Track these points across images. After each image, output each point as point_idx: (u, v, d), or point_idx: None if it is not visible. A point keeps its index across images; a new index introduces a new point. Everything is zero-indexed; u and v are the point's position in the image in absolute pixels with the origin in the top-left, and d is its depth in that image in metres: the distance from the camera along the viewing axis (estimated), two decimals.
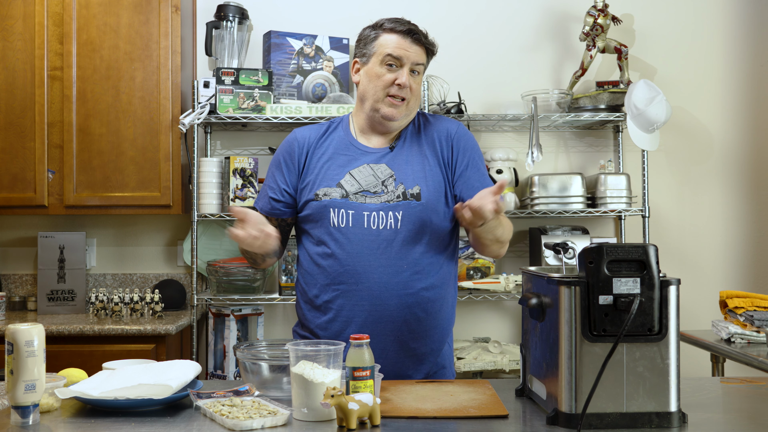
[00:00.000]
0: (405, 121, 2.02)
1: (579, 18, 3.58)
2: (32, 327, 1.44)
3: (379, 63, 1.96)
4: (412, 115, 2.02)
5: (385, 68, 1.96)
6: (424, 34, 2.00)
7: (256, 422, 1.41)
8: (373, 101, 1.98)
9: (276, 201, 2.02)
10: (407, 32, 1.97)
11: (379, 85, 1.96)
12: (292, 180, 2.01)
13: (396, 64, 1.95)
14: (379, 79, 1.96)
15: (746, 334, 2.74)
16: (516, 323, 3.63)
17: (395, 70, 1.95)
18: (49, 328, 2.92)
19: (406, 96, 1.96)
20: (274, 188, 2.02)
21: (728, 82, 3.72)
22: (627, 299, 1.40)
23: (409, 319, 1.92)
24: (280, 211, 2.02)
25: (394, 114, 1.96)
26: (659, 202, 3.65)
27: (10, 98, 3.28)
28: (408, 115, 2.00)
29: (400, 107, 1.96)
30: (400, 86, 1.94)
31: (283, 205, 2.02)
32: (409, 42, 1.96)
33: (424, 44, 1.99)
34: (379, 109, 1.97)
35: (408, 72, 1.95)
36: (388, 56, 1.95)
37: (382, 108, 1.96)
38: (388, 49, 1.95)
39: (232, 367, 3.28)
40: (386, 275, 1.90)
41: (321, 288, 1.95)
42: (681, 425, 1.41)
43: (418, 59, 1.97)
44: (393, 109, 1.96)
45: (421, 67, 1.99)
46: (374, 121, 2.00)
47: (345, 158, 2.00)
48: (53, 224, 3.58)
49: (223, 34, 3.42)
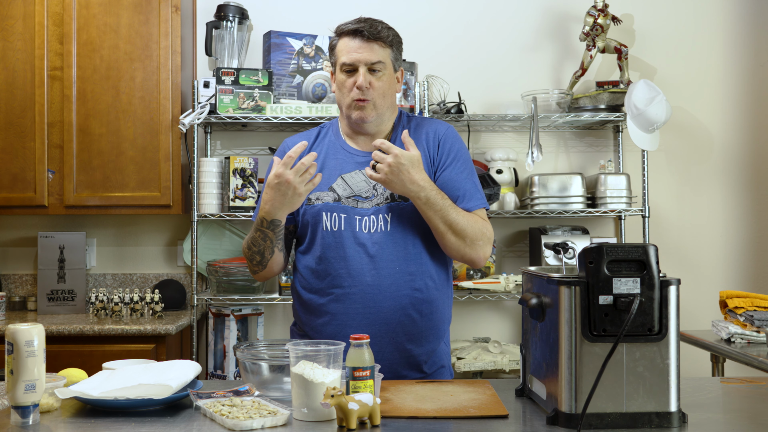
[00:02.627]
0: (380, 120, 2.01)
1: (579, 18, 3.58)
2: (32, 327, 1.44)
3: (340, 71, 1.98)
4: (386, 112, 2.01)
5: (345, 74, 1.97)
6: (375, 29, 1.96)
7: (256, 422, 1.41)
8: (345, 108, 2.00)
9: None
10: (354, 32, 1.96)
11: (344, 92, 1.98)
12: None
13: (352, 69, 1.96)
14: (343, 86, 1.98)
15: (746, 334, 2.74)
16: (516, 323, 3.63)
17: (353, 75, 1.96)
18: (49, 328, 2.92)
19: (369, 97, 1.95)
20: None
21: (728, 82, 3.72)
22: (627, 299, 1.40)
23: (404, 321, 1.93)
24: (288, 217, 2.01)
25: (362, 116, 1.97)
26: (659, 202, 3.65)
27: (10, 98, 3.28)
28: (380, 114, 1.99)
29: (365, 109, 1.96)
30: (359, 89, 1.94)
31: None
32: (359, 42, 1.95)
33: (377, 39, 1.95)
34: (350, 115, 1.99)
35: (365, 73, 1.94)
36: (343, 64, 1.96)
37: (352, 113, 1.98)
38: (342, 57, 1.96)
39: (232, 367, 3.28)
40: (379, 278, 1.91)
41: (315, 292, 1.97)
42: (681, 425, 1.41)
43: (372, 58, 1.94)
44: (360, 112, 1.96)
45: (380, 65, 1.95)
46: (352, 125, 2.02)
47: (336, 162, 2.01)
48: (53, 224, 3.58)
49: (223, 34, 3.42)
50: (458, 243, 1.91)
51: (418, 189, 1.84)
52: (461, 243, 1.91)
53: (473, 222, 1.92)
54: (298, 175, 1.81)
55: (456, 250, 1.93)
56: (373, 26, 1.96)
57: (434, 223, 1.89)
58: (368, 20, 1.99)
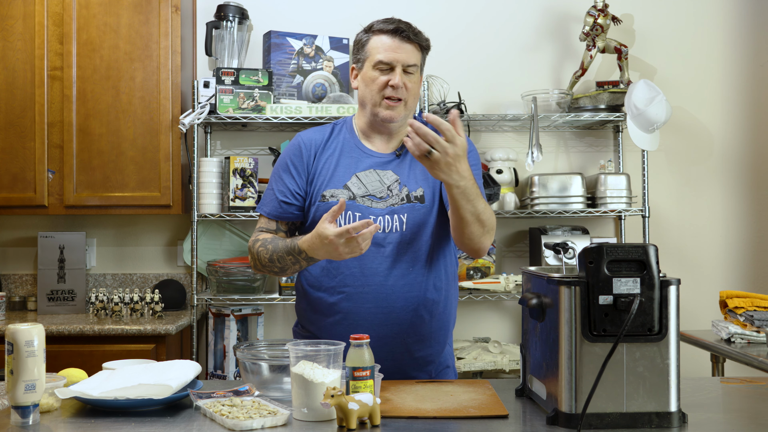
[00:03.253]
0: (405, 120, 2.01)
1: (579, 18, 3.58)
2: (32, 327, 1.44)
3: (372, 67, 1.96)
4: (411, 113, 2.02)
5: (378, 72, 1.95)
6: (415, 31, 1.97)
7: (256, 422, 1.41)
8: (371, 105, 1.98)
9: (287, 204, 1.99)
10: (395, 31, 1.95)
11: (374, 89, 1.96)
12: (301, 182, 2.00)
13: (388, 68, 1.95)
14: (374, 83, 1.95)
15: (746, 334, 2.74)
16: (516, 323, 3.63)
17: (387, 73, 1.95)
18: (49, 328, 2.92)
19: (402, 96, 1.95)
20: (283, 191, 1.99)
21: (728, 82, 3.72)
22: (627, 299, 1.40)
23: (415, 322, 1.92)
24: (291, 215, 2.00)
25: (392, 116, 1.96)
26: (659, 202, 3.65)
27: (10, 98, 3.28)
28: (407, 116, 2.00)
29: (397, 108, 1.96)
30: (394, 87, 1.94)
31: (294, 208, 2.00)
32: (398, 42, 1.95)
33: (414, 41, 1.96)
34: (377, 113, 1.97)
35: (401, 73, 1.94)
36: (378, 62, 1.95)
37: (380, 111, 1.96)
38: (378, 55, 1.95)
39: (232, 367, 3.28)
40: (392, 278, 1.90)
41: (326, 290, 1.94)
42: (681, 425, 1.41)
43: (409, 59, 1.95)
44: (390, 111, 1.96)
45: (414, 67, 1.96)
46: (376, 124, 2.01)
47: (351, 160, 2.00)
48: (53, 224, 3.58)
49: (223, 34, 3.42)
50: (479, 232, 1.85)
51: (459, 178, 1.74)
52: (481, 232, 1.85)
53: (490, 212, 1.88)
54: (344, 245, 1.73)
55: (475, 240, 1.86)
56: (411, 28, 1.97)
57: (462, 213, 1.80)
58: (404, 21, 1.99)
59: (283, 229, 2.02)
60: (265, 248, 1.93)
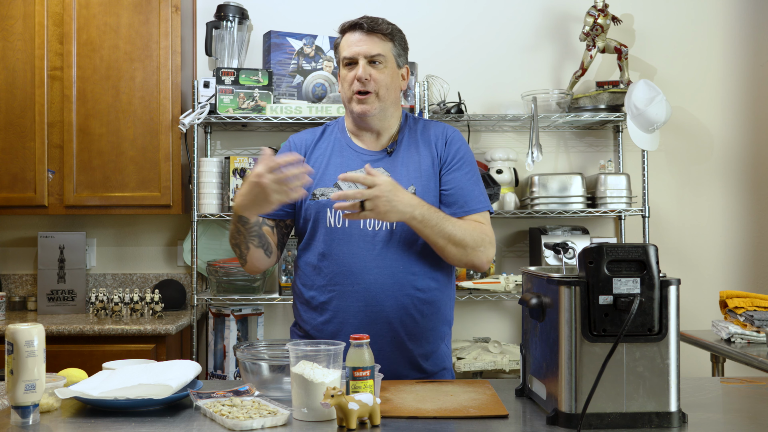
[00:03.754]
0: (384, 114, 2.00)
1: (579, 18, 3.58)
2: (32, 327, 1.44)
3: (343, 66, 1.99)
4: (389, 107, 2.00)
5: (347, 69, 1.98)
6: (375, 22, 1.97)
7: (256, 422, 1.41)
8: (347, 102, 2.00)
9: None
10: (354, 26, 1.98)
11: (345, 86, 1.98)
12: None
13: (352, 62, 1.97)
14: (345, 81, 1.98)
15: (746, 334, 2.74)
16: (516, 323, 3.63)
17: (354, 68, 1.96)
18: (49, 328, 2.92)
19: (371, 89, 1.95)
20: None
21: (728, 82, 3.72)
22: (627, 299, 1.40)
23: (406, 320, 1.92)
24: (283, 212, 2.01)
25: (365, 109, 1.96)
26: (659, 202, 3.65)
27: (10, 98, 3.28)
28: (384, 108, 1.99)
29: (368, 101, 1.96)
30: (359, 81, 1.94)
31: (285, 205, 1.99)
32: (359, 35, 1.97)
33: (376, 31, 1.96)
34: (352, 109, 1.99)
35: (364, 65, 1.95)
36: (344, 59, 1.98)
37: (354, 107, 1.98)
38: (344, 52, 1.98)
39: (232, 367, 3.28)
40: (382, 276, 1.91)
41: (317, 289, 1.96)
42: (681, 425, 1.41)
43: (371, 50, 1.95)
44: (362, 105, 1.96)
45: (380, 57, 1.96)
46: (356, 121, 2.02)
47: (342, 159, 2.01)
48: (53, 224, 3.58)
49: (223, 34, 3.42)
50: (460, 253, 1.90)
51: (411, 209, 1.80)
52: (462, 252, 1.90)
53: (471, 229, 1.91)
54: (274, 182, 1.74)
55: (459, 260, 1.92)
56: (372, 20, 1.98)
57: (433, 240, 1.87)
58: (369, 16, 2.00)
59: (269, 224, 2.01)
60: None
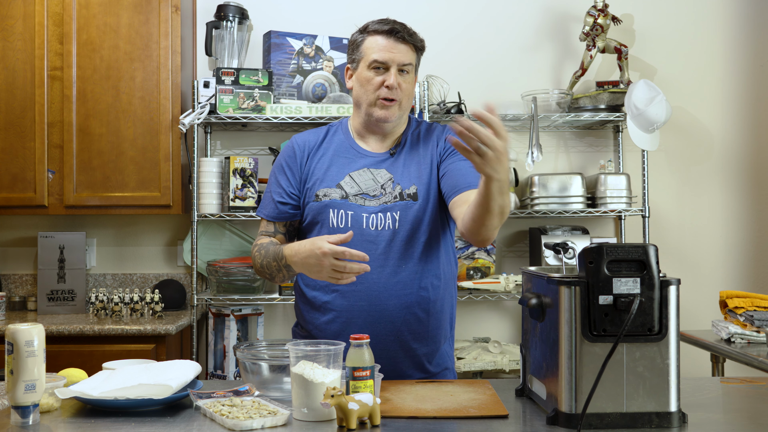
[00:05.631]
0: (400, 120, 2.02)
1: (579, 18, 3.58)
2: (32, 327, 1.44)
3: (367, 68, 1.97)
4: (406, 113, 2.03)
5: (373, 72, 1.96)
6: (410, 32, 1.98)
7: (256, 422, 1.41)
8: (366, 105, 1.99)
9: (283, 204, 2.02)
10: (390, 32, 1.96)
11: (370, 89, 1.97)
12: (295, 182, 2.02)
13: (383, 67, 1.96)
14: (369, 83, 1.96)
15: (746, 334, 2.74)
16: (516, 323, 3.63)
17: (383, 73, 1.96)
18: (49, 328, 2.92)
19: (397, 97, 1.96)
20: (280, 192, 2.02)
21: (728, 82, 3.72)
22: (627, 299, 1.40)
23: (409, 320, 1.92)
24: (288, 214, 2.02)
25: (387, 115, 1.97)
26: (659, 202, 3.65)
27: (10, 98, 3.28)
28: (402, 115, 2.01)
29: (391, 108, 1.97)
30: (389, 88, 1.94)
31: (290, 207, 2.02)
32: (393, 42, 1.96)
33: (409, 42, 1.97)
34: (372, 113, 1.98)
35: (396, 73, 1.95)
36: (374, 62, 1.96)
37: (376, 111, 1.97)
38: (374, 54, 1.95)
39: (232, 367, 3.28)
40: (385, 276, 1.91)
41: (320, 289, 1.96)
42: (681, 425, 1.41)
43: (404, 59, 1.96)
44: (385, 111, 1.96)
45: (409, 66, 1.97)
46: (370, 124, 2.02)
47: (345, 160, 2.01)
48: (53, 224, 3.58)
49: (223, 34, 3.42)
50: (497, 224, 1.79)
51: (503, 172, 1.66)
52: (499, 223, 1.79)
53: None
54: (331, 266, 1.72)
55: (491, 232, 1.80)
56: (406, 29, 1.98)
57: (492, 206, 1.73)
58: (399, 22, 1.99)
59: (281, 231, 2.04)
60: (260, 254, 1.98)
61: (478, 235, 1.83)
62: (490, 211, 1.74)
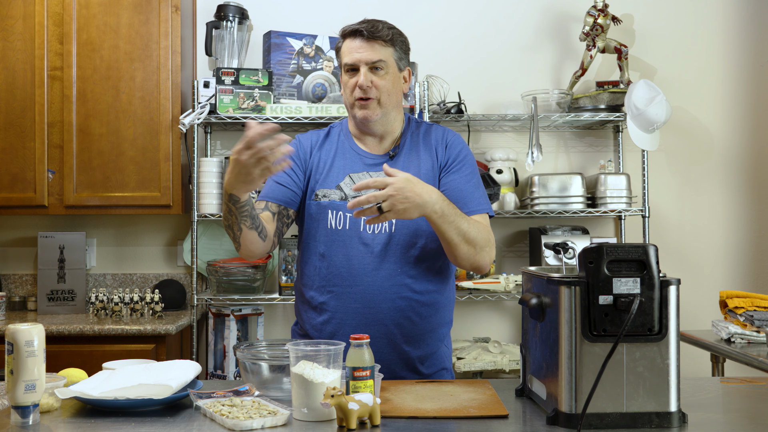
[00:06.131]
0: (386, 119, 2.00)
1: (579, 18, 3.58)
2: (32, 327, 1.44)
3: (344, 72, 1.99)
4: (391, 111, 2.00)
5: (348, 75, 1.98)
6: (375, 28, 1.95)
7: (256, 422, 1.41)
8: (349, 108, 2.00)
9: (280, 185, 1.98)
10: (354, 33, 1.96)
11: (347, 92, 1.99)
12: (299, 172, 2.01)
13: (353, 69, 1.96)
14: (346, 87, 1.99)
15: (746, 334, 2.74)
16: (516, 323, 3.63)
17: (356, 74, 1.96)
18: (49, 328, 2.92)
19: (372, 95, 1.95)
20: (280, 174, 1.96)
21: (728, 82, 3.72)
22: (627, 299, 1.40)
23: (402, 323, 1.93)
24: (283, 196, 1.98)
25: (367, 115, 1.96)
26: (659, 202, 3.65)
27: (10, 98, 3.28)
28: (385, 113, 1.99)
29: (369, 107, 1.96)
30: (360, 88, 1.94)
31: (286, 190, 1.98)
32: (360, 42, 1.95)
33: (376, 37, 1.95)
34: (355, 114, 1.99)
35: (365, 72, 1.94)
36: (345, 65, 1.97)
37: (356, 112, 1.98)
38: (345, 58, 1.97)
39: (232, 367, 3.28)
40: (380, 278, 1.91)
41: (317, 289, 1.97)
42: (681, 425, 1.41)
43: (372, 57, 1.94)
44: (364, 111, 1.96)
45: (381, 63, 1.95)
46: (359, 126, 2.03)
47: (345, 161, 2.02)
48: (53, 224, 3.58)
49: (223, 34, 3.42)
50: (470, 252, 1.87)
51: (431, 203, 1.76)
52: (472, 251, 1.88)
53: (480, 229, 1.90)
54: (251, 158, 1.67)
55: (467, 259, 1.89)
56: (373, 26, 1.96)
57: (448, 236, 1.83)
58: (370, 21, 1.98)
59: (272, 210, 1.98)
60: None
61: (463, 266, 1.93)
62: (451, 242, 1.85)
